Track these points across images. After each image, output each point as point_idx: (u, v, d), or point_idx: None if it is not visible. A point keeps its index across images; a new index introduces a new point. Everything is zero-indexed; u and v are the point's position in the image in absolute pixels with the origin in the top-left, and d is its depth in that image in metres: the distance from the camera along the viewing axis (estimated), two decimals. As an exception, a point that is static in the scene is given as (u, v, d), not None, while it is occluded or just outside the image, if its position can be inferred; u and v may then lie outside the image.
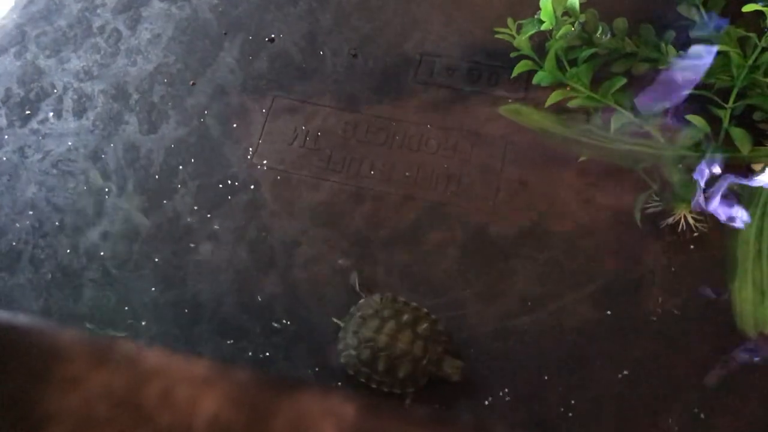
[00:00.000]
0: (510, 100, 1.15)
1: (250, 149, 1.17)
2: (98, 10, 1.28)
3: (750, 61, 0.97)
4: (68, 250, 1.11)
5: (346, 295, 1.06)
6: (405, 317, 0.97)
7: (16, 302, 1.09)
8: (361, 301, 1.01)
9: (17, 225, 1.13)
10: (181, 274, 1.09)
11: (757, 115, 1.02)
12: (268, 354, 1.03)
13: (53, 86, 1.23)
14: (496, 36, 1.09)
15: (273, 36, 1.25)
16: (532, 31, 1.03)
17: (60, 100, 1.22)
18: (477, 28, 1.23)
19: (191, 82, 1.22)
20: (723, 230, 1.02)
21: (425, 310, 0.99)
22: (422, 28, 1.24)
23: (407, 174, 1.15)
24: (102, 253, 1.11)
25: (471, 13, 1.24)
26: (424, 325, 0.97)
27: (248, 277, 1.08)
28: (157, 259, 1.10)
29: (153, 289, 1.08)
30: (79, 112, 1.21)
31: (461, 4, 1.25)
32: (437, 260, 1.08)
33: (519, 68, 1.05)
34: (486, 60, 1.20)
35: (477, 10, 1.24)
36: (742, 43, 1.00)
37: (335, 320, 1.02)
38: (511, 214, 1.10)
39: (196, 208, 1.13)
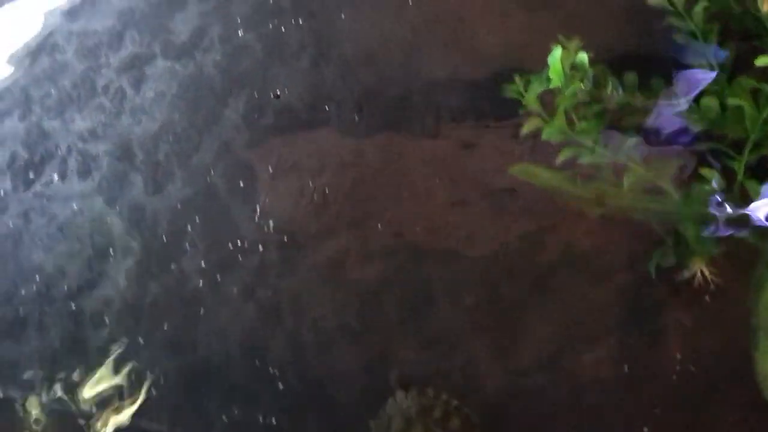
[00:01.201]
0: (518, 152, 1.13)
1: (258, 207, 1.14)
2: (102, 70, 1.26)
3: (764, 114, 0.94)
4: (75, 317, 1.09)
5: (355, 356, 1.03)
6: (435, 414, 0.92)
7: (23, 371, 1.06)
8: (390, 401, 0.97)
9: (23, 292, 1.11)
10: (190, 339, 1.06)
11: (771, 166, 0.99)
12: (277, 421, 1.00)
13: (58, 148, 1.21)
14: (505, 94, 1.06)
15: (278, 92, 1.23)
16: (541, 89, 1.00)
17: (65, 161, 1.19)
18: (483, 78, 1.20)
19: (197, 140, 1.19)
20: (741, 284, 0.98)
21: (455, 402, 0.94)
22: (428, 79, 1.22)
23: (416, 228, 1.12)
24: (108, 320, 1.08)
25: (477, 63, 1.22)
26: (456, 422, 0.92)
27: (257, 340, 1.06)
28: (165, 326, 1.07)
29: (162, 355, 1.05)
30: (84, 174, 1.18)
31: (467, 55, 1.23)
32: (448, 316, 1.05)
33: (528, 126, 1.02)
34: (494, 110, 1.17)
35: (483, 59, 1.22)
36: (754, 94, 0.97)
37: (371, 424, 0.98)
38: (524, 267, 1.07)
39: (204, 270, 1.10)
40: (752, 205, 0.95)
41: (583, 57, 0.98)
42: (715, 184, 0.98)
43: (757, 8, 0.98)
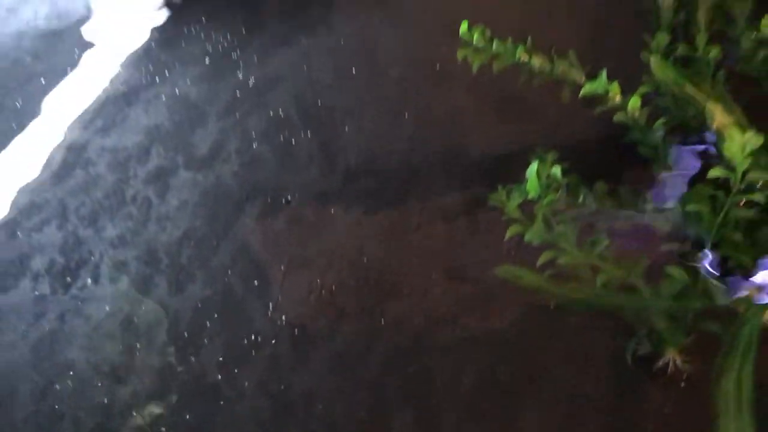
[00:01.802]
0: (505, 248, 1.24)
1: (271, 304, 1.25)
2: (131, 181, 1.39)
3: (719, 219, 1.06)
4: (106, 411, 1.19)
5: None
6: None
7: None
8: None
9: (57, 387, 1.21)
10: (210, 429, 1.16)
11: (730, 264, 1.09)
12: None
13: (91, 254, 1.33)
14: (490, 202, 1.18)
15: (289, 198, 1.36)
16: (520, 200, 1.12)
17: (97, 266, 1.32)
18: (474, 184, 1.33)
19: (215, 243, 1.32)
20: (709, 372, 1.07)
21: None
22: (424, 184, 1.35)
23: (415, 321, 1.22)
24: (135, 413, 1.18)
25: (467, 169, 1.35)
26: None
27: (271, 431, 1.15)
28: (188, 416, 1.17)
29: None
30: (115, 278, 1.30)
31: (457, 162, 1.35)
32: (449, 406, 1.14)
33: (510, 231, 1.13)
34: (483, 212, 1.29)
35: (471, 166, 1.35)
36: (712, 200, 1.09)
37: None
38: (516, 355, 1.17)
39: (222, 363, 1.21)
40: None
41: (557, 170, 1.10)
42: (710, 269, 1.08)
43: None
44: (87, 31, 1.55)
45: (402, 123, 1.37)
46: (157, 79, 1.44)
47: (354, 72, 1.41)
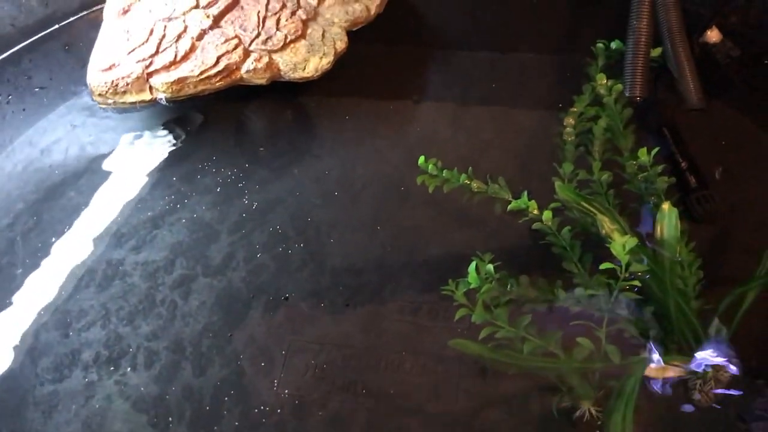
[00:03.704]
0: (460, 330, 1.61)
1: (275, 381, 1.59)
2: (160, 287, 1.76)
3: (611, 303, 1.45)
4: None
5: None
6: None
7: None
8: None
9: (106, 458, 1.52)
10: (231, 484, 1.47)
11: (626, 335, 1.48)
12: None
13: (129, 346, 1.67)
14: (443, 292, 1.57)
15: (287, 295, 1.72)
16: (465, 289, 1.51)
17: (135, 357, 1.66)
18: (433, 278, 1.71)
19: (229, 334, 1.68)
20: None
21: None
22: (394, 281, 1.71)
23: (391, 390, 1.57)
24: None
25: (428, 268, 1.73)
26: None
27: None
28: (211, 475, 1.49)
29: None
30: (149, 365, 1.64)
31: (420, 262, 1.73)
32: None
33: (459, 313, 1.51)
34: (441, 301, 1.66)
35: (431, 265, 1.73)
36: (608, 286, 1.49)
37: None
38: (470, 418, 1.52)
39: (238, 429, 1.54)
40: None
41: (490, 268, 1.50)
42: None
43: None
44: (113, 167, 1.94)
45: (376, 233, 1.76)
46: (178, 206, 1.83)
47: (336, 194, 1.81)
